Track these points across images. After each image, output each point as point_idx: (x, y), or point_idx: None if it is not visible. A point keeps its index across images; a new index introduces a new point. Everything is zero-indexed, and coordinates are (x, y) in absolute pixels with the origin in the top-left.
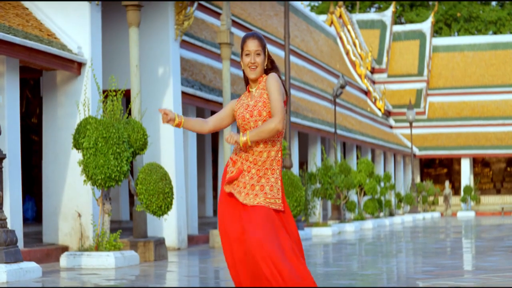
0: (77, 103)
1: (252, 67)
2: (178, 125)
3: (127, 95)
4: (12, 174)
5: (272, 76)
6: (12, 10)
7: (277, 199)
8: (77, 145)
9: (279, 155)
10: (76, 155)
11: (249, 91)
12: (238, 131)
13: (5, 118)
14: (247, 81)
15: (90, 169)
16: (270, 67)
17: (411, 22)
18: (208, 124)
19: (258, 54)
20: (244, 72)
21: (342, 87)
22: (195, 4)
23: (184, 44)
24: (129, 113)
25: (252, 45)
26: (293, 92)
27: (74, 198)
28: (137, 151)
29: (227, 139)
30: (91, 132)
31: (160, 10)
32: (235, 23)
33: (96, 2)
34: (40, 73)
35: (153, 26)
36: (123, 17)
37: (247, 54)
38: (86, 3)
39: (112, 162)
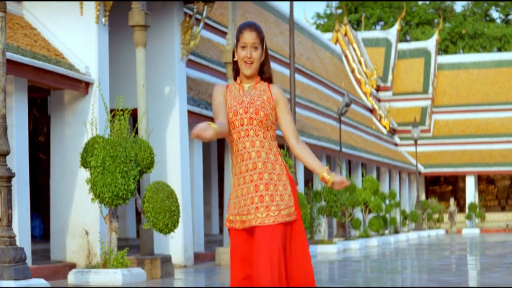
0: (84, 122)
1: (248, 62)
2: (216, 135)
3: (134, 114)
4: (21, 192)
5: (278, 87)
6: (21, 30)
7: (291, 207)
8: (85, 163)
9: (280, 159)
10: (84, 174)
11: (240, 85)
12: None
13: (13, 137)
14: (237, 72)
15: (97, 188)
16: (264, 62)
17: (417, 40)
18: (225, 124)
19: (256, 48)
20: (234, 63)
21: (347, 105)
22: (201, 24)
23: (190, 63)
24: (136, 132)
25: (250, 37)
26: (298, 110)
27: (81, 216)
28: (144, 169)
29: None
30: (99, 151)
31: (166, 30)
32: None
33: (104, 21)
34: (48, 92)
35: (159, 46)
36: (130, 37)
37: (243, 47)
38: (94, 24)
39: (119, 181)
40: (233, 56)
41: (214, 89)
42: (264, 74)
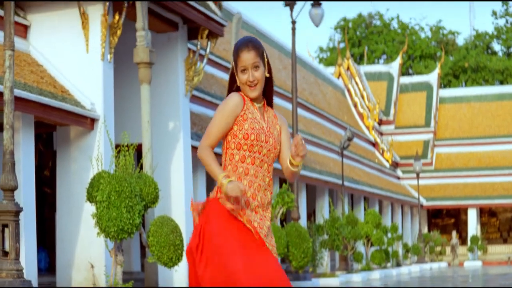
0: (90, 158)
1: (252, 85)
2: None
3: (138, 149)
4: (27, 226)
5: (283, 118)
6: (27, 67)
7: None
8: (90, 198)
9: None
10: (89, 208)
11: (253, 104)
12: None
13: (20, 172)
14: (235, 88)
15: (103, 222)
16: (269, 76)
17: (420, 73)
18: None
19: (257, 67)
20: (232, 83)
21: (349, 139)
22: (205, 60)
23: (194, 99)
24: (141, 168)
25: (249, 57)
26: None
27: (87, 249)
28: (148, 204)
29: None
30: (105, 186)
31: (170, 66)
32: None
33: (109, 58)
34: (53, 127)
35: (164, 82)
36: (134, 73)
37: (243, 70)
38: (99, 61)
39: (124, 215)
40: (231, 77)
41: (231, 100)
42: (267, 96)
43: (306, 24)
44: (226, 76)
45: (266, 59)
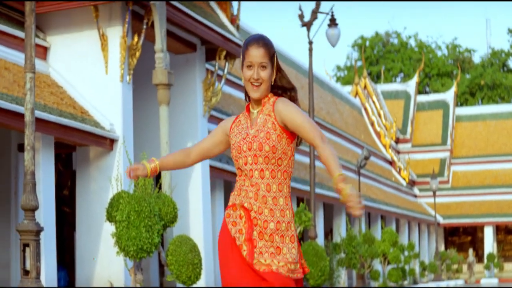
0: (109, 178)
1: (255, 84)
2: (154, 172)
3: None
4: (47, 245)
5: (282, 100)
6: (47, 88)
7: (297, 263)
8: (110, 218)
9: (290, 205)
10: (109, 227)
11: (248, 112)
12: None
13: (40, 192)
14: (247, 96)
15: (123, 241)
16: (280, 84)
17: (436, 91)
18: (191, 155)
19: (264, 67)
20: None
21: (366, 158)
22: (223, 80)
23: (212, 119)
24: (160, 188)
25: (257, 54)
26: (318, 163)
27: (106, 268)
28: (167, 223)
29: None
30: (124, 206)
31: (189, 87)
32: None
33: (128, 80)
34: (73, 148)
35: (182, 103)
36: (153, 94)
37: (248, 66)
38: (118, 82)
39: (144, 235)
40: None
41: (222, 122)
42: (277, 86)
43: (323, 42)
44: (243, 96)
45: (275, 62)
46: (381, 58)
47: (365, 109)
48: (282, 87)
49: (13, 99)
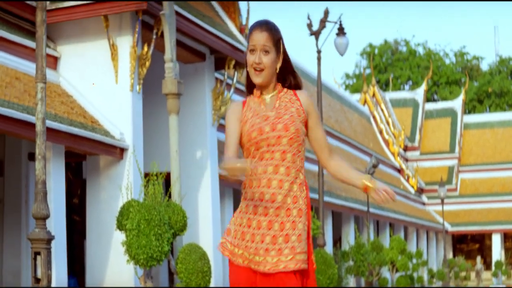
0: (120, 187)
1: (257, 68)
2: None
3: (167, 177)
4: (58, 253)
5: (310, 97)
6: (58, 98)
7: (304, 253)
8: (120, 226)
9: (305, 193)
10: (119, 236)
11: (260, 97)
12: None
13: (51, 201)
14: (252, 83)
15: (133, 249)
16: (288, 73)
17: (445, 99)
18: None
19: (267, 52)
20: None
21: (374, 166)
22: (232, 90)
23: (221, 128)
24: (169, 196)
25: (260, 38)
26: (326, 172)
27: (117, 276)
28: (177, 232)
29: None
30: (134, 214)
31: (198, 96)
32: None
33: (138, 89)
34: (83, 157)
35: (191, 112)
36: (163, 104)
37: (251, 50)
38: (128, 92)
39: (153, 243)
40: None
41: (228, 108)
42: (286, 82)
43: (332, 50)
44: None
45: (281, 47)
46: (389, 66)
47: (374, 117)
48: (292, 82)
49: (24, 108)
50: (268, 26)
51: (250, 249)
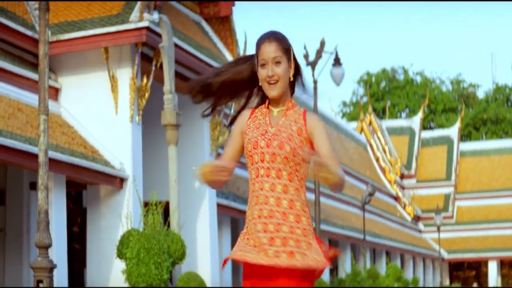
0: (120, 216)
1: (271, 82)
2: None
3: (166, 207)
4: (59, 281)
5: (318, 118)
6: (59, 128)
7: (321, 255)
8: (120, 255)
9: (308, 213)
10: (119, 264)
11: (268, 108)
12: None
13: (52, 230)
14: (264, 95)
15: (133, 278)
16: (296, 74)
17: (441, 126)
18: (231, 167)
19: (278, 62)
20: (259, 88)
21: (371, 194)
22: (229, 119)
23: (219, 157)
24: (168, 225)
25: (269, 50)
26: (323, 200)
27: None
28: (176, 261)
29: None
30: (134, 243)
31: (196, 127)
32: None
33: (137, 120)
34: (83, 186)
35: (190, 142)
36: (162, 134)
37: (262, 65)
38: (128, 122)
39: (153, 271)
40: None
41: (238, 117)
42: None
43: (329, 78)
44: None
45: (292, 56)
46: (387, 93)
47: (371, 145)
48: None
49: (26, 139)
50: (276, 36)
51: (255, 249)
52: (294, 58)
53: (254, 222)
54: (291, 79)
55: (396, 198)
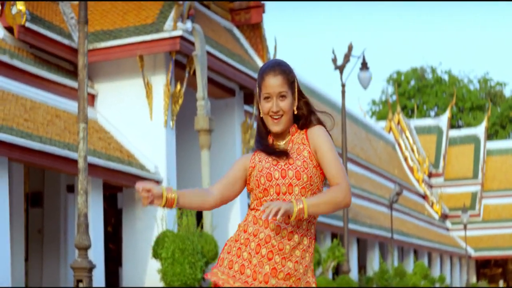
0: (155, 218)
1: (275, 117)
2: (169, 205)
3: None
4: (97, 281)
5: (319, 128)
6: (96, 134)
7: None
8: (156, 255)
9: (312, 247)
10: (154, 264)
11: (273, 144)
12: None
13: (90, 231)
14: (265, 129)
15: (168, 277)
16: (306, 112)
17: (469, 125)
18: (213, 195)
19: (283, 96)
20: (260, 119)
21: (398, 194)
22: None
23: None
24: (202, 227)
25: (274, 83)
26: (352, 199)
27: None
28: (209, 260)
29: (267, 208)
30: (169, 244)
31: (228, 130)
32: None
33: (171, 125)
34: (118, 188)
35: (222, 146)
36: (195, 139)
37: (266, 98)
38: (162, 128)
39: (187, 271)
40: (258, 110)
41: (240, 157)
42: (307, 121)
43: (357, 81)
44: None
45: (296, 89)
46: (417, 92)
47: (399, 144)
48: (304, 116)
49: (65, 145)
50: (281, 69)
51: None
52: (299, 90)
53: (258, 245)
54: (295, 112)
55: (424, 197)
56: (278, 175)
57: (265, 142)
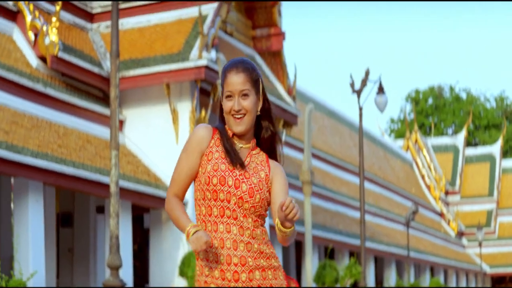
0: (181, 238)
1: (237, 116)
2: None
3: None
4: None
5: (279, 164)
6: (124, 158)
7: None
8: (182, 273)
9: (274, 252)
10: (180, 282)
11: (232, 139)
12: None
13: (120, 252)
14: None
15: None
16: (269, 143)
17: (485, 143)
18: (181, 201)
19: (246, 95)
20: (221, 113)
21: (414, 212)
22: (281, 146)
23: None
24: None
25: (236, 81)
26: (369, 218)
27: None
28: None
29: (294, 207)
30: (195, 263)
31: None
32: (316, 157)
33: None
34: (144, 209)
35: None
36: None
37: (228, 96)
38: None
39: None
40: (220, 106)
41: (194, 134)
42: (264, 131)
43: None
44: (300, 156)
45: (261, 89)
46: (434, 110)
47: (416, 163)
48: (268, 144)
49: (96, 169)
50: (244, 66)
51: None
52: (263, 91)
53: (220, 269)
54: (259, 113)
55: (441, 214)
56: (231, 182)
57: (231, 141)
